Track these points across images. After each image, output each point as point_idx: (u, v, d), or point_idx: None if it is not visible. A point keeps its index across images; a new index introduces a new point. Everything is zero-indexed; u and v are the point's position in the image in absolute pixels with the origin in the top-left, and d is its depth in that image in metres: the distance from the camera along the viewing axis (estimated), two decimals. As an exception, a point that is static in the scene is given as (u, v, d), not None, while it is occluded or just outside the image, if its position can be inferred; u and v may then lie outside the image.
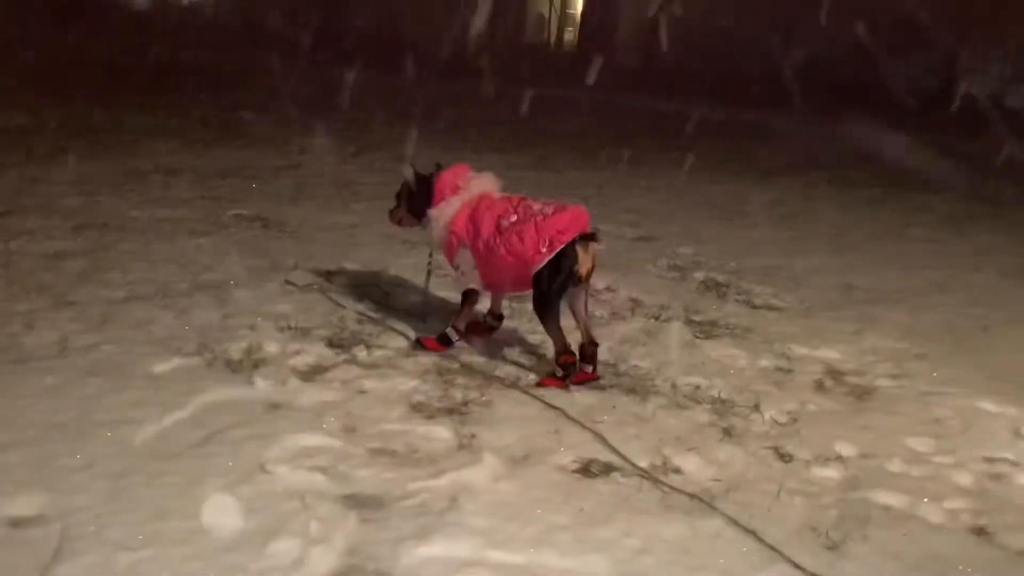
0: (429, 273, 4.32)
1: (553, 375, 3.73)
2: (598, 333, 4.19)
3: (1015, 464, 3.37)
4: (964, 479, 3.23)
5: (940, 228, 8.01)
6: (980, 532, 2.87)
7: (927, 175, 10.72)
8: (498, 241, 3.67)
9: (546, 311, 3.67)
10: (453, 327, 3.99)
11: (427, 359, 3.87)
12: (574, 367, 3.72)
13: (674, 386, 3.84)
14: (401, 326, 4.24)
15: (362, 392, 3.50)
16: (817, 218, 7.90)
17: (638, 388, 3.77)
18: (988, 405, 3.92)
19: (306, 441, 3.06)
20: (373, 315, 4.39)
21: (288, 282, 4.74)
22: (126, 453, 2.90)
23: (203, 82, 12.69)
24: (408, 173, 4.06)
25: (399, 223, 4.20)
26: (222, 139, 9.18)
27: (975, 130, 13.61)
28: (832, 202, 8.64)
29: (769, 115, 14.68)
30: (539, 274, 3.61)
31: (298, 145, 9.16)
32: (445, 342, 3.97)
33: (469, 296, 3.98)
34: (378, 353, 3.90)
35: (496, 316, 4.21)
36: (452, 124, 11.94)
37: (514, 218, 3.66)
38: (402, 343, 4.04)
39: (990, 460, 3.40)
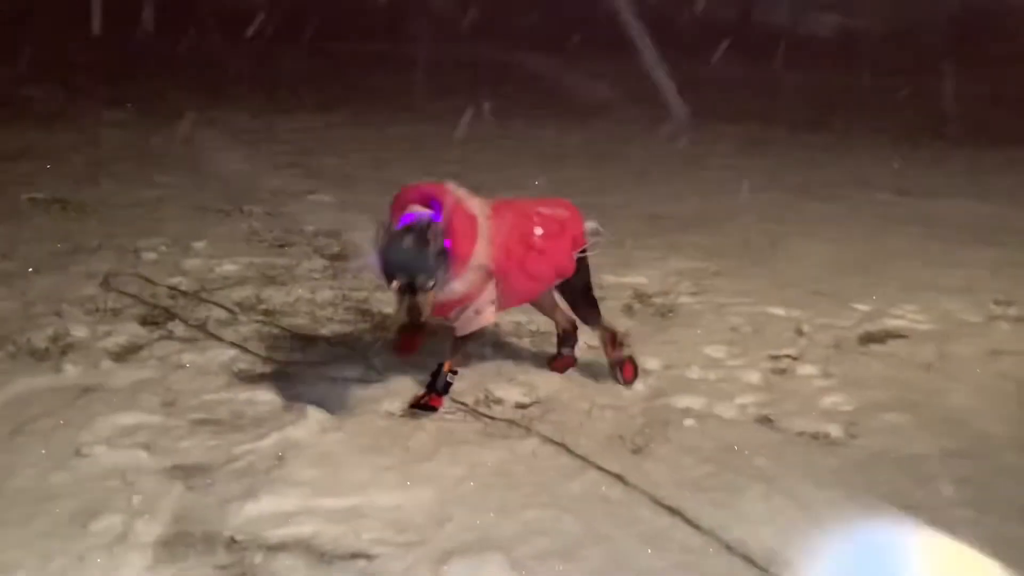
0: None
1: (630, 359, 3.44)
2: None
3: (796, 359, 3.79)
4: (753, 377, 3.60)
5: (736, 155, 8.64)
6: (765, 421, 3.23)
7: (726, 105, 11.45)
8: (543, 255, 3.19)
9: (595, 304, 3.49)
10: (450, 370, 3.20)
11: (246, 328, 3.84)
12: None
13: (496, 324, 4.00)
14: (218, 296, 4.17)
15: (180, 366, 3.44)
16: (627, 155, 8.32)
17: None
18: (776, 310, 4.36)
19: (123, 420, 2.99)
20: (187, 288, 4.28)
21: (107, 284, 4.27)
22: (-77, 458, 2.75)
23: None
24: (436, 233, 2.83)
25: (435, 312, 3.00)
26: (7, 118, 8.46)
27: (769, 58, 14.58)
28: (640, 139, 9.11)
29: (579, 57, 15.08)
30: (575, 276, 3.34)
31: (93, 119, 8.61)
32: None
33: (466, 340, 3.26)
34: (195, 326, 3.83)
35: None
36: (261, 85, 11.52)
37: (540, 231, 3.20)
38: (220, 314, 3.98)
39: (776, 357, 3.80)
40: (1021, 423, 3.27)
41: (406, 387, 3.34)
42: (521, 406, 3.25)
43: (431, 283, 2.82)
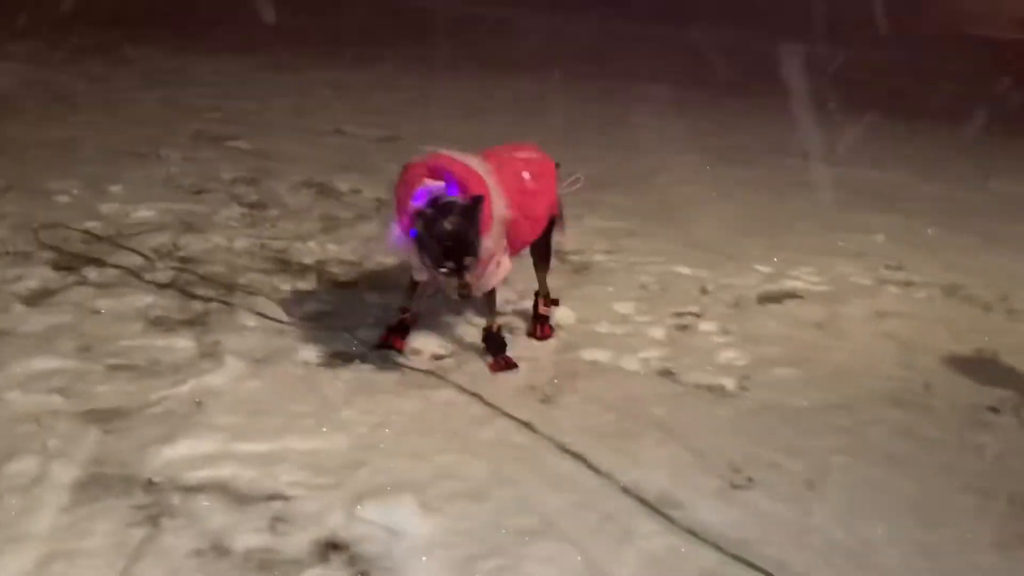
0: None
1: (547, 322, 3.66)
2: (344, 234, 4.39)
3: (699, 316, 4.01)
4: (658, 333, 3.80)
5: (659, 115, 8.80)
6: (666, 373, 3.43)
7: (648, 65, 11.59)
8: (536, 196, 3.35)
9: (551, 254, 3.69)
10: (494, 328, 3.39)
11: (163, 274, 3.84)
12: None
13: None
14: (134, 242, 4.14)
15: (96, 312, 3.44)
16: (552, 112, 8.37)
17: (379, 284, 3.99)
18: (684, 269, 4.56)
19: (38, 365, 3.00)
20: (102, 233, 4.23)
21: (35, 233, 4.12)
22: None
23: None
24: (476, 209, 2.93)
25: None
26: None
27: (692, 19, 14.72)
28: (565, 96, 9.16)
29: (510, 10, 15.00)
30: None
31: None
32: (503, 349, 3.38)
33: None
34: (111, 272, 3.81)
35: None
36: (177, 22, 11.11)
37: (528, 175, 3.34)
38: (136, 260, 3.96)
39: (680, 314, 4.00)
40: (897, 379, 3.55)
41: (322, 337, 3.42)
42: (438, 357, 3.37)
43: (475, 260, 2.96)
